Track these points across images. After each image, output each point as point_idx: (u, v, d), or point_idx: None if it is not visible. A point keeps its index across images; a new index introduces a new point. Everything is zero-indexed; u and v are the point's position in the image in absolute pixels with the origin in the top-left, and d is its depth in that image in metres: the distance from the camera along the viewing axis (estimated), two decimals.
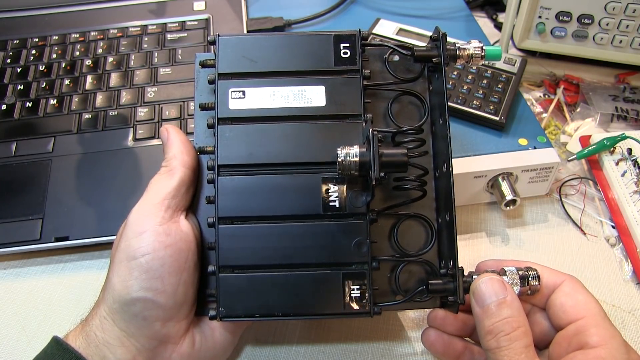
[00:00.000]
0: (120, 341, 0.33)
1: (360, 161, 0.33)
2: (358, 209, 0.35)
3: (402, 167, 0.33)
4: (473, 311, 0.33)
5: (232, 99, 0.36)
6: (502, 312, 0.31)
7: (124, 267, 0.33)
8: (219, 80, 0.37)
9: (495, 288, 0.32)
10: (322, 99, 0.36)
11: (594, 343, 0.31)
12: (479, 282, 0.33)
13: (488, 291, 0.32)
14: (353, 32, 0.38)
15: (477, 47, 0.38)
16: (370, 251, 0.34)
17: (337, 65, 0.37)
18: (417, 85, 0.39)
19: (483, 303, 0.32)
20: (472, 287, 0.33)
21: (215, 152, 0.36)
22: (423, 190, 0.36)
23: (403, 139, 0.37)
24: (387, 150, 0.33)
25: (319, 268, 0.34)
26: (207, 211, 0.37)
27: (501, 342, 0.31)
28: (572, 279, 0.35)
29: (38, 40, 0.59)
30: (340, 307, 0.34)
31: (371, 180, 0.32)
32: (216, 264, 0.34)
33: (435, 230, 0.37)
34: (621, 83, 0.59)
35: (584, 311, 0.33)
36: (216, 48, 0.37)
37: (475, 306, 0.32)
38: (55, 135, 0.51)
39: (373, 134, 0.32)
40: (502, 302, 0.32)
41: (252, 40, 0.38)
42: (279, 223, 0.35)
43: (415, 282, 0.36)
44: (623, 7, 0.51)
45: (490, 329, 0.31)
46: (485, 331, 0.31)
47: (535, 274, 0.34)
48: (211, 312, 0.34)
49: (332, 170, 0.34)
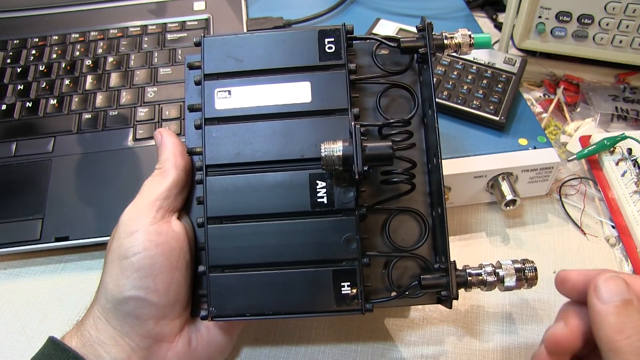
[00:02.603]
0: (114, 340, 0.33)
1: (344, 155, 0.32)
2: (346, 204, 0.34)
3: (388, 159, 0.33)
4: (592, 309, 0.30)
5: (218, 99, 0.36)
6: (632, 314, 0.28)
7: (115, 267, 0.33)
8: (205, 81, 0.37)
9: (620, 287, 0.29)
10: (307, 95, 0.36)
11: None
12: (604, 277, 0.30)
13: (616, 288, 0.29)
14: (337, 27, 0.37)
15: (465, 35, 0.37)
16: (360, 247, 0.34)
17: (322, 60, 0.37)
18: (407, 78, 0.38)
19: (610, 299, 0.29)
20: (595, 282, 0.30)
21: (203, 152, 0.36)
22: (411, 184, 0.36)
23: (390, 132, 0.36)
24: (370, 143, 0.33)
25: (309, 266, 0.34)
26: (198, 212, 0.37)
27: (635, 348, 0.27)
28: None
29: (38, 40, 0.59)
30: (331, 305, 0.34)
31: (354, 174, 0.32)
32: (206, 264, 0.34)
33: (428, 224, 0.36)
34: (621, 83, 0.59)
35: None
36: (202, 49, 0.37)
37: (597, 303, 0.29)
38: (55, 135, 0.51)
39: (355, 127, 0.32)
40: (629, 302, 0.29)
41: (238, 39, 0.38)
42: (268, 221, 0.35)
43: (409, 278, 0.36)
44: (623, 7, 0.51)
45: (621, 328, 0.28)
46: (616, 329, 0.28)
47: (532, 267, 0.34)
48: (202, 312, 0.34)
49: (320, 167, 0.34)
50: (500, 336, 0.41)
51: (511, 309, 0.43)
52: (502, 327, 0.42)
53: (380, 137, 0.37)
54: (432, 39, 0.36)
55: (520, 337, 0.41)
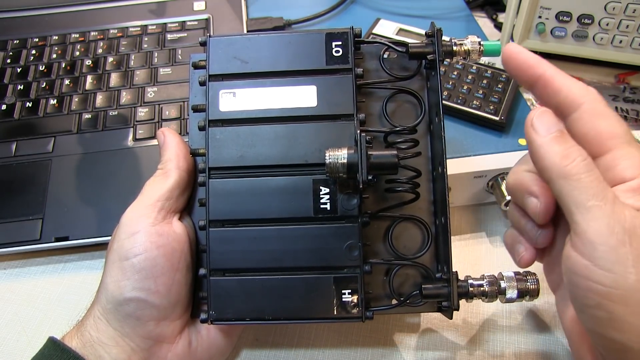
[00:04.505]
0: (114, 341, 0.33)
1: (348, 163, 0.32)
2: (350, 211, 0.34)
3: (392, 168, 0.33)
4: (533, 143, 0.30)
5: (223, 100, 0.36)
6: (570, 140, 0.29)
7: (116, 268, 0.33)
8: (210, 82, 0.36)
9: (553, 119, 0.30)
10: (313, 99, 0.36)
11: (631, 175, 0.29)
12: (537, 113, 0.30)
13: (551, 120, 0.30)
14: (345, 30, 0.37)
15: (475, 42, 0.37)
16: (362, 255, 0.34)
17: (329, 64, 0.36)
18: (414, 84, 0.38)
19: (549, 130, 0.29)
20: (530, 116, 0.30)
21: (206, 154, 0.35)
22: (416, 193, 0.36)
23: (396, 140, 0.36)
24: (376, 151, 0.32)
25: (310, 272, 0.34)
26: (200, 213, 0.37)
27: (582, 168, 0.28)
28: (591, 100, 0.31)
29: (38, 40, 0.59)
30: (331, 312, 0.34)
31: (358, 183, 0.32)
32: (207, 267, 0.34)
33: (431, 233, 0.36)
34: (621, 83, 0.59)
35: (609, 142, 0.30)
36: (207, 49, 0.37)
37: (537, 136, 0.30)
38: (55, 135, 0.51)
39: (361, 135, 0.32)
40: (563, 131, 0.30)
41: (244, 40, 0.37)
42: (270, 226, 0.35)
43: (410, 286, 0.36)
44: (623, 7, 0.51)
45: (566, 153, 0.29)
46: (562, 155, 0.29)
47: (534, 279, 0.34)
48: (202, 315, 0.34)
49: (324, 172, 0.34)
50: (501, 342, 0.41)
51: (514, 316, 0.43)
52: (504, 333, 0.42)
53: (386, 145, 0.36)
54: (441, 46, 0.36)
55: (522, 344, 0.41)
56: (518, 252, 0.35)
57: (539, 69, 0.33)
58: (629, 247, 0.26)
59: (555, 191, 0.29)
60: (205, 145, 0.36)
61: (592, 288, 0.27)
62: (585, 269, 0.27)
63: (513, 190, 0.35)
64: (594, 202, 0.27)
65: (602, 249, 0.27)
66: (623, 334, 0.27)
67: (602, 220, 0.27)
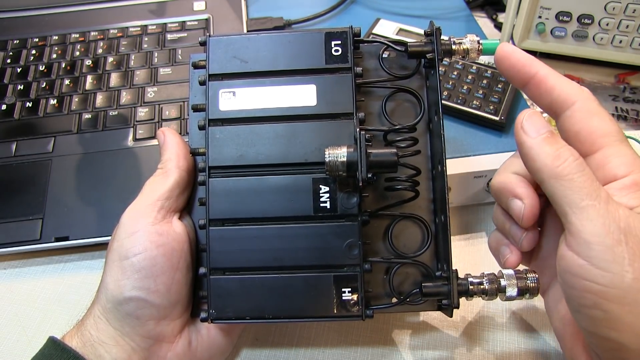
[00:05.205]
0: (115, 340, 0.33)
1: (348, 161, 0.32)
2: (349, 210, 0.34)
3: (392, 167, 0.33)
4: (524, 145, 0.30)
5: (223, 100, 0.36)
6: (560, 140, 0.29)
7: (116, 267, 0.33)
8: (210, 81, 0.37)
9: (542, 120, 0.30)
10: (313, 98, 0.36)
11: (623, 173, 0.29)
12: (526, 115, 0.31)
13: (540, 122, 0.30)
14: (345, 29, 0.37)
15: (474, 41, 0.37)
16: (362, 253, 0.34)
17: (328, 63, 0.36)
18: (414, 82, 0.38)
19: (539, 132, 0.30)
20: (520, 118, 0.31)
21: (206, 153, 0.35)
22: (415, 191, 0.36)
23: (396, 138, 0.36)
24: (375, 150, 0.32)
25: (310, 270, 0.34)
26: (200, 212, 0.37)
27: (574, 168, 0.28)
28: (584, 99, 0.31)
29: (38, 40, 0.59)
30: (331, 310, 0.34)
31: (358, 181, 0.32)
32: (207, 266, 0.34)
33: (431, 231, 0.36)
34: (621, 83, 0.59)
35: (601, 140, 0.30)
36: (207, 49, 0.37)
37: (528, 138, 0.30)
38: (55, 135, 0.51)
39: (360, 133, 0.32)
40: (552, 132, 0.30)
41: (243, 40, 0.37)
42: (270, 225, 0.35)
43: (411, 285, 0.36)
44: (623, 7, 0.51)
45: (557, 154, 0.29)
46: (553, 156, 0.29)
47: (534, 277, 0.34)
48: (202, 314, 0.34)
49: (324, 171, 0.34)
50: (501, 341, 0.41)
51: (513, 314, 0.43)
52: (504, 332, 0.42)
53: (386, 143, 0.36)
54: (440, 44, 0.36)
55: (522, 343, 0.41)
56: (503, 255, 0.35)
57: (532, 68, 0.33)
58: (624, 246, 0.27)
59: (548, 192, 0.29)
60: (205, 145, 0.36)
61: (588, 287, 0.27)
62: (580, 268, 0.27)
63: (497, 192, 0.35)
64: (587, 201, 0.27)
65: (598, 248, 0.27)
66: (619, 333, 0.27)
67: (597, 219, 0.27)
